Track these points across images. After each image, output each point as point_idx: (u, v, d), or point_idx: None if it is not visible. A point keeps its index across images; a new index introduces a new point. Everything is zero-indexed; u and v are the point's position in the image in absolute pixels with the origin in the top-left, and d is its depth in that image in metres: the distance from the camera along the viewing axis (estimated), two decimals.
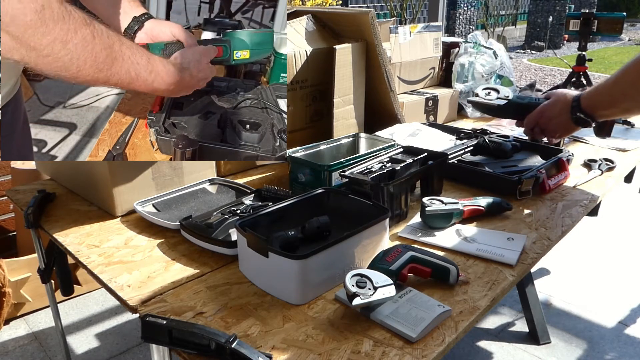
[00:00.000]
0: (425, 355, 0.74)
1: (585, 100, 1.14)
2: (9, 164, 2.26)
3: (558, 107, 1.19)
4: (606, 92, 1.10)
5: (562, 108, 1.18)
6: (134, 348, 1.96)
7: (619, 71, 1.05)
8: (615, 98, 1.09)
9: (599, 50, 9.57)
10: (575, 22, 1.78)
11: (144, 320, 0.76)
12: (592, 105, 1.13)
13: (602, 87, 1.11)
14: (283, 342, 0.77)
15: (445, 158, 1.28)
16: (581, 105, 1.14)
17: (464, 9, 9.36)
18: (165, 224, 1.11)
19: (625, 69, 1.03)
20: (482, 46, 2.03)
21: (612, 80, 1.06)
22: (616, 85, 1.06)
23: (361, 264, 0.94)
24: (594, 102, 1.13)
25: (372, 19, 1.49)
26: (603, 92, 1.11)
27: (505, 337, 2.00)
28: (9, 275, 2.00)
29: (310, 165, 1.21)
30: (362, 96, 1.62)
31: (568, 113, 1.16)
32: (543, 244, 1.06)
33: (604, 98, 1.11)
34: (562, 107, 1.18)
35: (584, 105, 1.13)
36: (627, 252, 2.63)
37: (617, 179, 1.43)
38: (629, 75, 1.03)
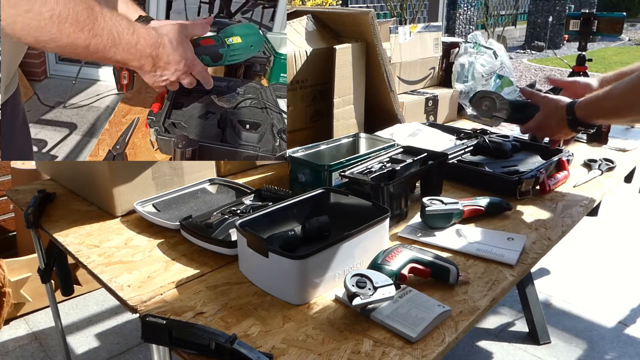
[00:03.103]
0: (425, 355, 0.74)
1: (581, 111, 1.13)
2: (9, 164, 2.26)
3: (554, 122, 1.19)
4: (609, 106, 1.10)
5: (557, 123, 1.18)
6: (134, 348, 1.96)
7: (625, 84, 1.04)
8: (620, 111, 1.09)
9: (599, 50, 9.57)
10: (575, 22, 1.78)
11: (144, 320, 0.76)
12: (590, 116, 1.14)
13: (603, 99, 1.10)
14: (283, 342, 0.77)
15: (445, 158, 1.28)
16: (577, 117, 1.14)
17: (464, 9, 9.36)
18: (165, 224, 1.11)
19: (633, 82, 1.02)
20: (482, 46, 2.03)
21: (618, 93, 1.06)
22: (623, 99, 1.06)
23: (361, 264, 0.94)
24: (592, 113, 1.13)
25: (372, 19, 1.49)
26: (605, 105, 1.10)
27: (505, 337, 2.00)
28: (9, 275, 2.00)
29: (310, 165, 1.21)
30: (362, 96, 1.62)
31: (566, 126, 1.17)
32: (543, 244, 1.06)
33: (607, 110, 1.12)
34: (557, 121, 1.18)
35: (579, 116, 1.14)
36: (627, 252, 2.63)
37: (617, 179, 1.43)
38: (636, 90, 1.02)
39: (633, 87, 1.02)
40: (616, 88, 1.06)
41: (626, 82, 1.03)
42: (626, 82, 1.03)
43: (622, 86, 1.04)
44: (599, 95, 1.11)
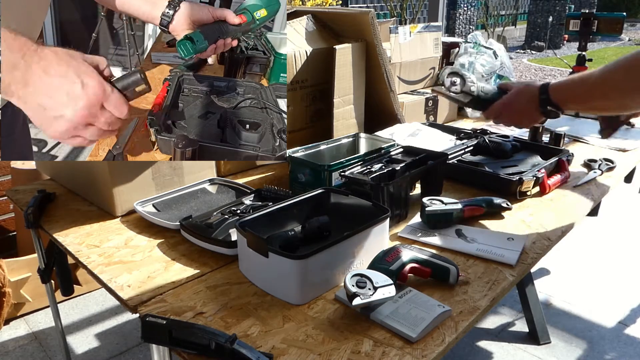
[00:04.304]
0: (425, 355, 0.74)
1: (555, 93, 1.10)
2: (9, 164, 2.26)
3: (524, 99, 1.14)
4: (584, 90, 1.07)
5: (528, 100, 1.13)
6: (134, 348, 1.96)
7: (601, 71, 1.03)
8: (592, 96, 1.06)
9: (599, 50, 9.57)
10: (575, 22, 1.78)
11: (144, 320, 0.76)
12: (564, 99, 1.10)
13: (579, 83, 1.07)
14: (283, 342, 0.77)
15: (445, 158, 1.28)
16: (550, 98, 1.12)
17: (464, 9, 9.36)
18: (165, 224, 1.11)
19: (608, 69, 1.01)
20: (482, 46, 2.03)
21: (594, 80, 1.04)
22: (597, 86, 1.04)
23: (361, 264, 0.94)
24: (566, 96, 1.10)
25: (372, 19, 1.49)
26: (579, 89, 1.08)
27: (505, 337, 2.00)
28: (9, 275, 2.00)
29: (310, 165, 1.21)
30: (362, 96, 1.62)
31: (536, 105, 1.12)
32: (543, 244, 1.06)
33: (580, 94, 1.08)
34: (528, 98, 1.13)
35: (553, 98, 1.11)
36: (627, 252, 2.63)
37: (617, 179, 1.43)
38: (613, 78, 1.01)
39: (608, 74, 1.01)
40: (592, 74, 1.05)
41: (602, 69, 1.02)
42: (602, 69, 1.02)
43: (598, 73, 1.03)
44: (574, 79, 1.08)
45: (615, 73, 1.00)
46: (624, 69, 0.98)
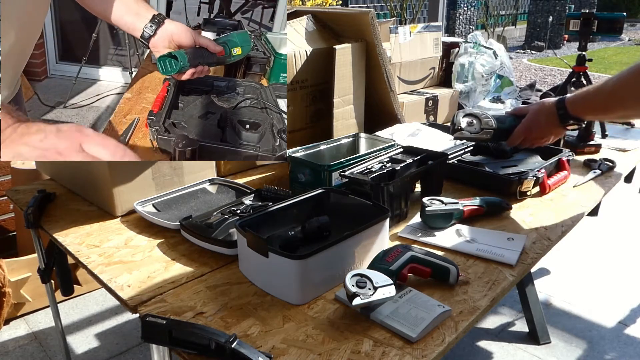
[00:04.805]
0: (425, 355, 0.74)
1: (573, 106, 1.12)
2: (9, 164, 2.26)
3: (543, 118, 1.17)
4: (600, 100, 1.09)
5: (547, 118, 1.16)
6: (134, 348, 1.96)
7: (616, 79, 1.04)
8: (610, 105, 1.08)
9: (599, 50, 9.57)
10: (575, 22, 1.77)
11: (144, 320, 0.76)
12: (582, 111, 1.12)
13: (595, 93, 1.09)
14: (283, 342, 0.77)
15: (445, 158, 1.28)
16: (569, 112, 1.13)
17: (464, 9, 9.36)
18: (165, 224, 1.11)
19: (623, 78, 1.02)
20: (482, 46, 2.03)
21: (609, 89, 1.05)
22: (613, 95, 1.05)
23: (361, 264, 0.94)
24: (584, 108, 1.12)
25: (372, 19, 1.49)
26: (596, 99, 1.09)
27: (505, 337, 2.00)
28: (9, 275, 2.00)
29: (310, 165, 1.21)
30: (362, 96, 1.62)
31: (556, 121, 1.15)
32: (543, 244, 1.06)
33: (597, 105, 1.10)
34: (547, 116, 1.16)
35: (571, 112, 1.13)
36: (627, 252, 2.63)
37: (617, 179, 1.43)
38: (628, 85, 1.02)
39: (623, 83, 1.02)
40: (606, 84, 1.06)
41: (617, 78, 1.03)
42: (617, 77, 1.03)
43: (613, 82, 1.04)
44: (590, 91, 1.10)
45: (630, 80, 1.01)
46: (637, 75, 0.98)
